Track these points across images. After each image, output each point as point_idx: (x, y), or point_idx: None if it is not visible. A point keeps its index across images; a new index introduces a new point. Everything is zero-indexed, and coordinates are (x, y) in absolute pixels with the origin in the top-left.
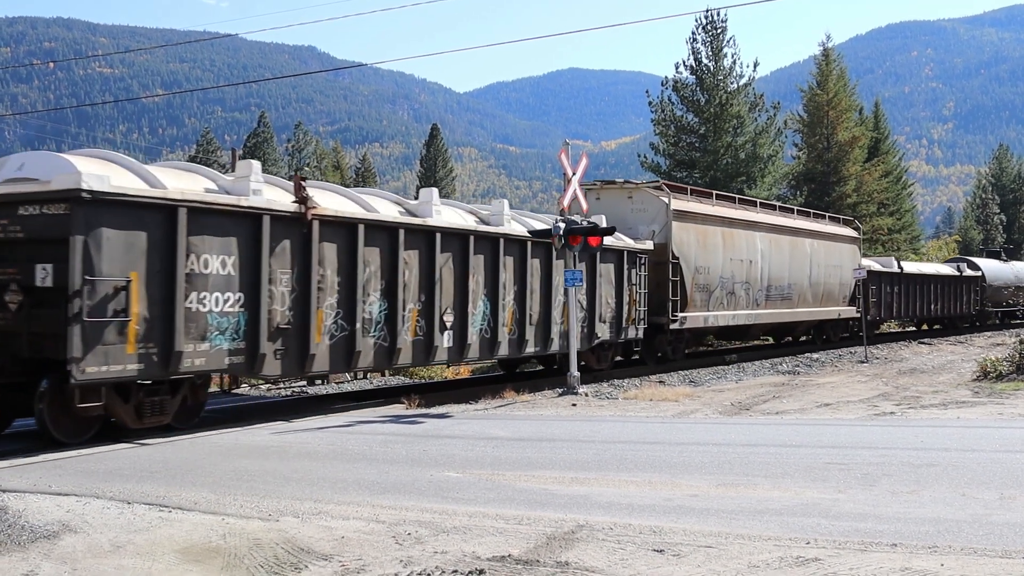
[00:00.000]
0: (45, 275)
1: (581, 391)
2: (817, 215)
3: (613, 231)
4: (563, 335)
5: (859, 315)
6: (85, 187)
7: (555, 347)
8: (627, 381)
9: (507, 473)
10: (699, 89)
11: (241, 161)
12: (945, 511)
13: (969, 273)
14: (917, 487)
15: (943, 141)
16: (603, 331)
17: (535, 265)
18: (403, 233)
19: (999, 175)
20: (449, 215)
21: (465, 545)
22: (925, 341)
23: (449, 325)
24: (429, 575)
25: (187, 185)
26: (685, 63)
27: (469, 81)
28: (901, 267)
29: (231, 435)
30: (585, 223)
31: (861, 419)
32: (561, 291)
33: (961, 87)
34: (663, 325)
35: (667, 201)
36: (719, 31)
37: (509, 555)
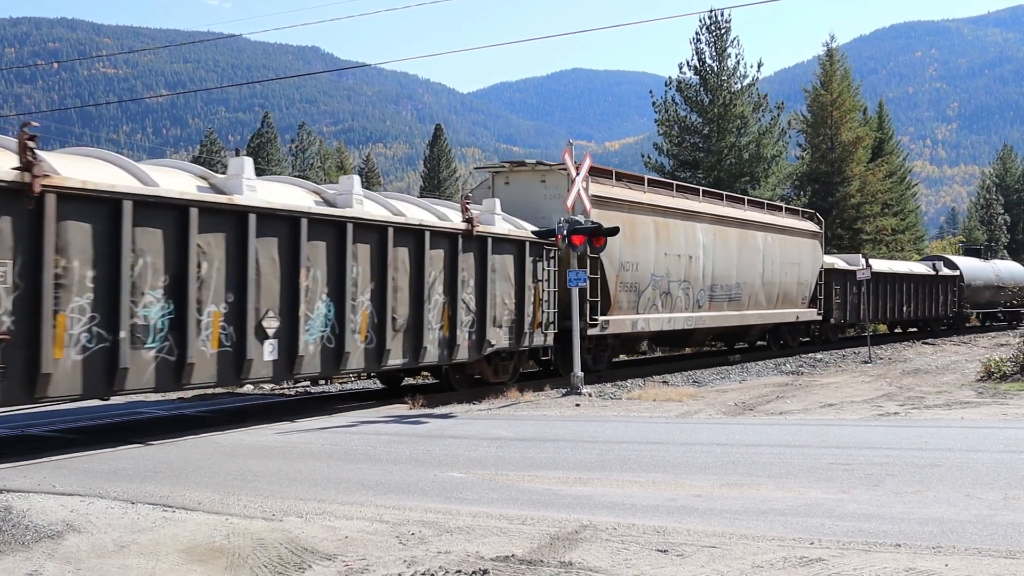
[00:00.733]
0: None
1: (585, 391)
2: (772, 206)
3: (616, 231)
4: (443, 343)
5: (820, 318)
6: None
7: (431, 357)
8: (631, 381)
9: (511, 473)
10: (703, 89)
11: None
12: (949, 511)
13: (946, 272)
14: (921, 487)
15: (947, 141)
16: (498, 337)
17: (401, 257)
18: (196, 214)
19: (1003, 175)
20: (274, 192)
21: (469, 545)
22: (929, 342)
23: (272, 333)
24: (433, 575)
25: None
26: (689, 63)
27: (473, 81)
28: (869, 265)
29: (234, 435)
30: (589, 223)
31: (865, 419)
32: (439, 289)
33: (965, 87)
34: (583, 330)
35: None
36: (723, 31)
37: (513, 555)
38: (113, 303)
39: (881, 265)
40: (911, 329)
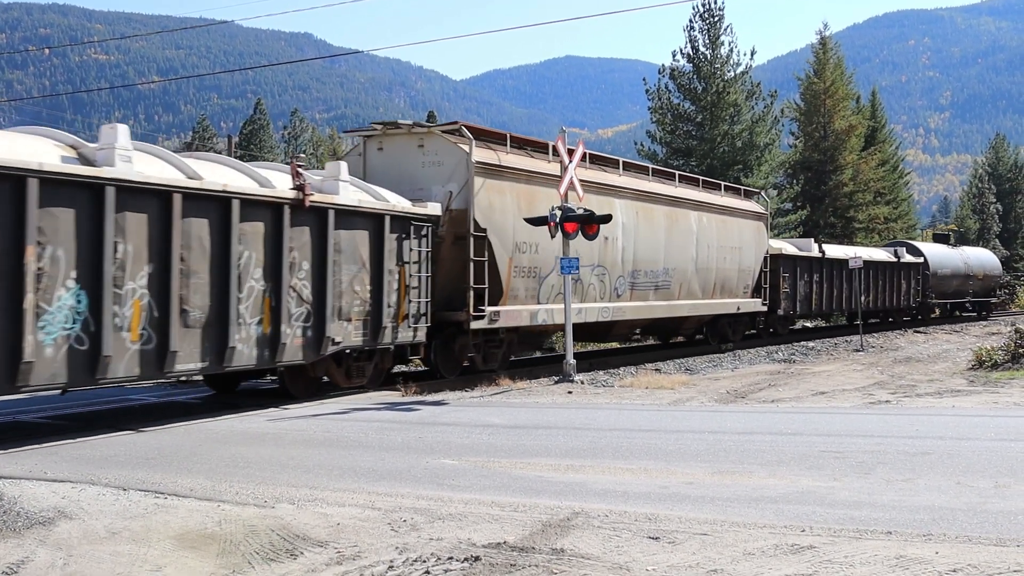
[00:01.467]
0: None
1: (577, 379)
2: (710, 183)
3: (609, 219)
4: (262, 341)
5: (766, 308)
6: None
7: (243, 359)
8: (623, 369)
9: (503, 460)
10: (696, 77)
11: None
12: (940, 499)
13: (909, 259)
14: (912, 475)
15: (940, 130)
16: (346, 333)
17: (196, 233)
18: None
19: (995, 164)
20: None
21: (460, 532)
22: (921, 330)
23: None
24: (424, 561)
25: None
26: (682, 51)
27: (466, 69)
28: (823, 251)
29: (226, 422)
30: (581, 211)
31: (857, 407)
32: (256, 274)
33: (958, 76)
34: (463, 323)
35: (467, 151)
36: (716, 19)
37: (504, 542)
38: None
39: (836, 251)
40: (871, 320)
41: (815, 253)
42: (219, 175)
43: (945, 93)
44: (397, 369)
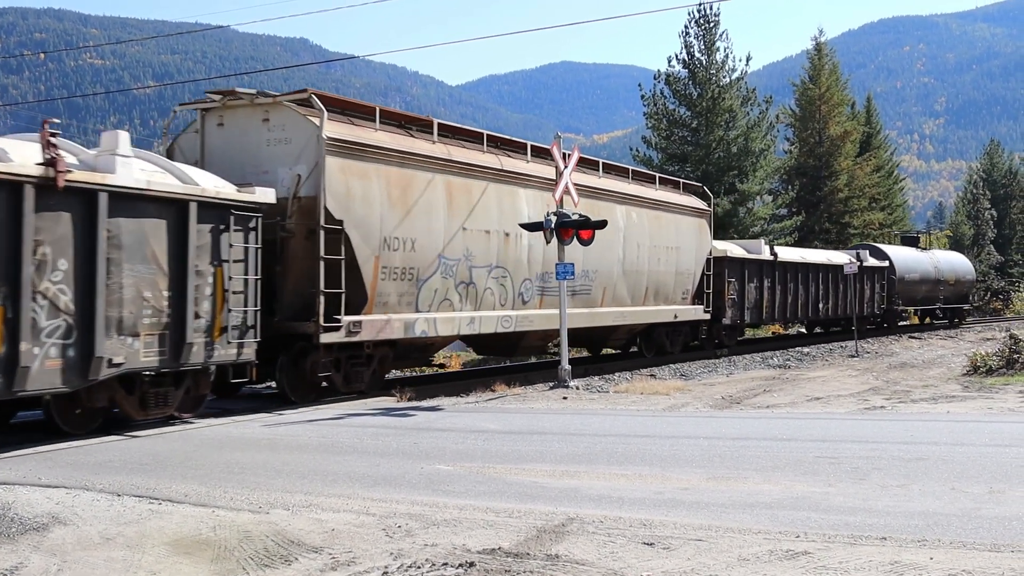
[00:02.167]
0: None
1: (572, 384)
2: (642, 175)
3: (604, 224)
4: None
5: (708, 316)
6: None
7: None
8: (618, 375)
9: (498, 466)
10: (691, 83)
11: None
12: (935, 505)
13: (873, 263)
14: (907, 481)
15: (934, 136)
16: (130, 352)
17: None
18: None
19: (990, 170)
20: None
21: (455, 538)
22: (915, 336)
23: None
24: (419, 567)
25: None
26: (678, 57)
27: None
28: (775, 253)
29: (221, 428)
30: (576, 216)
31: (851, 413)
32: (27, 269)
33: (953, 82)
34: (311, 336)
35: (318, 124)
36: (712, 25)
37: (499, 548)
38: None
39: (791, 253)
40: (833, 329)
41: (766, 256)
42: None
43: (940, 99)
44: (389, 376)
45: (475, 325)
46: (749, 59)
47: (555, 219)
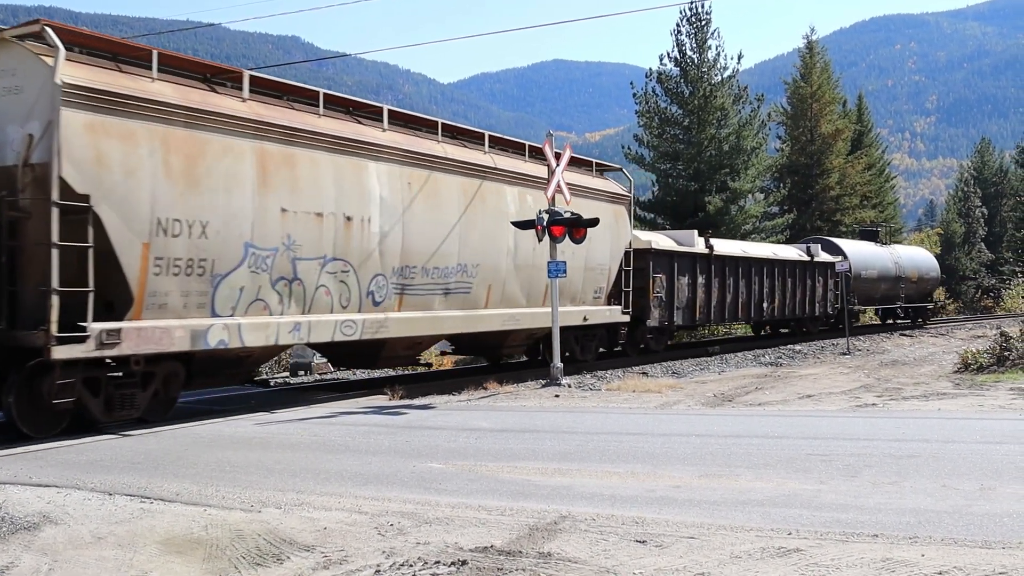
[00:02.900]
0: None
1: (564, 382)
2: (539, 152)
3: (596, 223)
4: None
5: (628, 318)
6: None
7: None
8: (610, 372)
9: (490, 464)
10: (683, 81)
11: None
12: (926, 502)
13: (825, 258)
14: (898, 478)
15: (926, 134)
16: None
17: None
18: None
19: (981, 168)
20: None
21: (448, 536)
22: (907, 333)
23: None
24: (411, 566)
25: None
26: (669, 55)
27: (453, 72)
28: (711, 246)
29: (213, 426)
30: (568, 214)
31: (843, 411)
32: None
33: (944, 81)
34: (42, 350)
35: (52, 66)
36: (703, 23)
37: (491, 546)
38: None
39: (729, 246)
40: (782, 330)
41: (699, 248)
42: None
43: (931, 97)
44: (383, 374)
45: (301, 332)
46: (741, 57)
47: (547, 217)
